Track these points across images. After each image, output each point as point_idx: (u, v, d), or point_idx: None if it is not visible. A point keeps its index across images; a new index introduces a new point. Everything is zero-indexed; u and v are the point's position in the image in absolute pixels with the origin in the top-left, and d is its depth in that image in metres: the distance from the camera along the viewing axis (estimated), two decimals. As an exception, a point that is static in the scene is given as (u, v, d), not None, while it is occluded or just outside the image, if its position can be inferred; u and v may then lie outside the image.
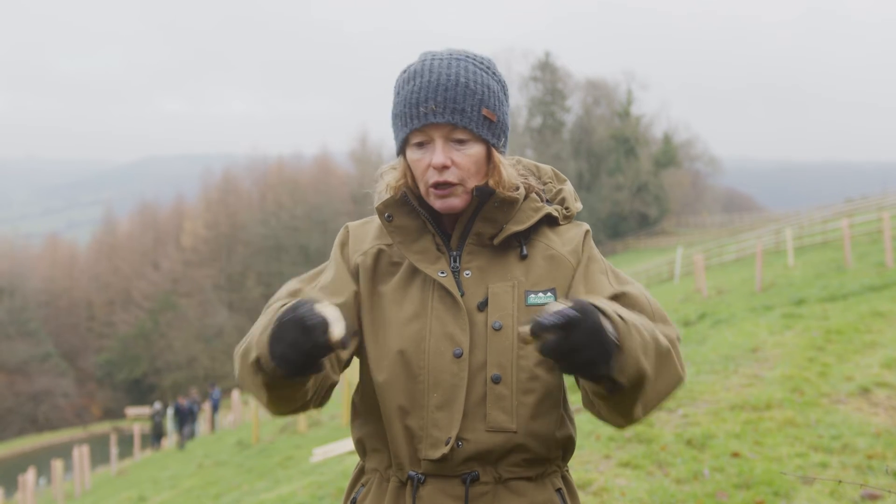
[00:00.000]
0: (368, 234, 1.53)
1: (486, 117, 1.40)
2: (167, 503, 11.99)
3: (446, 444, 1.36)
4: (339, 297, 1.43)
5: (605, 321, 1.14)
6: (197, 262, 59.90)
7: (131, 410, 45.22)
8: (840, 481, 2.60)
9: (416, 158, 1.41)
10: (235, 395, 24.44)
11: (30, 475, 18.96)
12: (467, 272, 1.43)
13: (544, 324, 1.10)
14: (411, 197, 1.45)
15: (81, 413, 52.27)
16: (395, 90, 1.44)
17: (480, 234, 1.44)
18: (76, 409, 52.47)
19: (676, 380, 1.32)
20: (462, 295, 1.41)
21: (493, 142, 1.42)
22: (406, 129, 1.40)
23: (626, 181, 61.65)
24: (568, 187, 1.56)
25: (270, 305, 1.42)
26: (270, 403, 1.33)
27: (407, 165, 1.45)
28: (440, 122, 1.37)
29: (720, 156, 75.55)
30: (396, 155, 1.48)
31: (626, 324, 1.18)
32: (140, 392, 53.61)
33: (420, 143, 1.40)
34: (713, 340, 8.83)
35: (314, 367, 1.21)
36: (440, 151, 1.38)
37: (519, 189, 1.45)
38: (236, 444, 15.94)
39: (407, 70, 1.44)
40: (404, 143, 1.43)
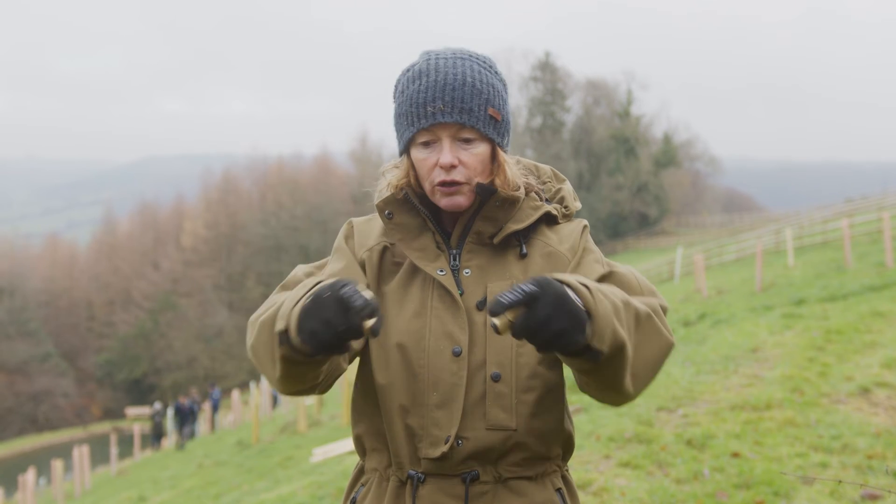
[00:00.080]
0: (373, 231, 1.53)
1: (491, 117, 1.40)
2: (167, 503, 11.98)
3: (446, 442, 1.36)
4: None
5: (569, 291, 1.13)
6: (197, 262, 59.89)
7: (131, 410, 45.23)
8: (840, 481, 2.60)
9: (422, 157, 1.40)
10: (235, 395, 24.45)
11: (30, 475, 18.96)
12: (467, 271, 1.44)
13: (503, 302, 1.09)
14: (412, 195, 1.45)
15: (81, 413, 52.25)
16: (399, 89, 1.44)
17: (480, 233, 1.44)
18: (76, 409, 52.45)
19: (664, 344, 1.31)
20: (461, 293, 1.42)
21: (498, 141, 1.42)
22: (413, 128, 1.39)
23: (626, 181, 61.61)
24: (567, 187, 1.56)
25: (287, 286, 1.41)
26: (282, 379, 1.29)
27: (410, 164, 1.44)
28: (448, 122, 1.37)
29: (720, 156, 75.57)
30: (399, 154, 1.47)
31: (590, 291, 1.16)
32: (140, 392, 53.60)
33: (426, 143, 1.40)
34: (713, 340, 8.84)
35: (340, 349, 1.17)
36: (448, 151, 1.38)
37: (520, 188, 1.45)
38: (236, 444, 15.93)
39: (411, 69, 1.43)
40: (409, 142, 1.42)
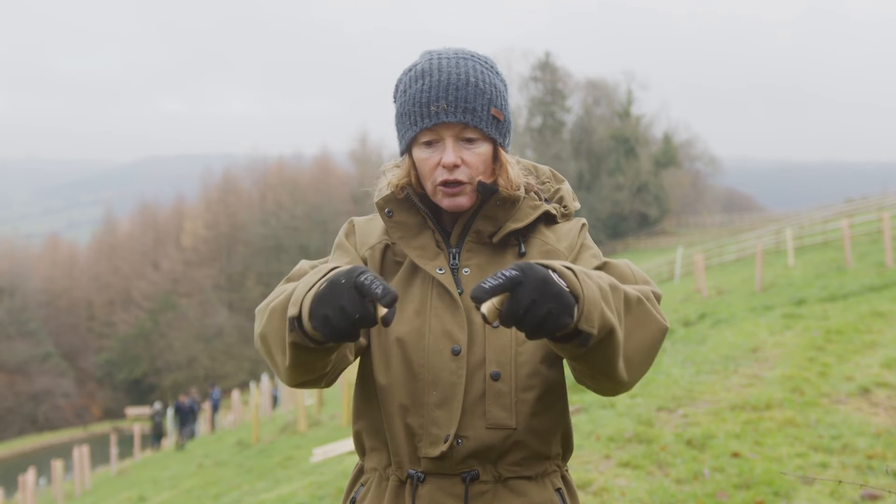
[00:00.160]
0: (375, 230, 1.53)
1: (494, 117, 1.40)
2: (167, 503, 11.98)
3: (445, 441, 1.36)
4: None
5: (553, 274, 1.13)
6: (197, 262, 59.88)
7: (131, 410, 45.22)
8: (840, 481, 2.60)
9: (425, 157, 1.41)
10: (235, 395, 24.45)
11: (30, 475, 18.96)
12: (466, 269, 1.44)
13: (485, 287, 1.08)
14: (413, 195, 1.45)
15: (81, 413, 52.24)
16: (401, 89, 1.44)
17: (480, 232, 1.45)
18: (76, 409, 52.44)
19: (656, 328, 1.30)
20: (461, 292, 1.42)
21: (500, 141, 1.43)
22: (416, 127, 1.39)
23: (627, 181, 61.57)
24: (566, 187, 1.56)
25: (292, 278, 1.40)
26: (290, 367, 1.27)
27: (412, 164, 1.44)
28: (452, 122, 1.37)
29: (720, 156, 75.52)
30: (401, 153, 1.47)
31: (575, 274, 1.16)
32: (140, 392, 53.59)
33: (429, 142, 1.40)
34: (713, 340, 8.84)
35: (353, 337, 1.15)
36: (451, 151, 1.38)
37: (521, 188, 1.46)
38: (236, 444, 15.93)
39: (413, 69, 1.43)
40: (411, 142, 1.42)
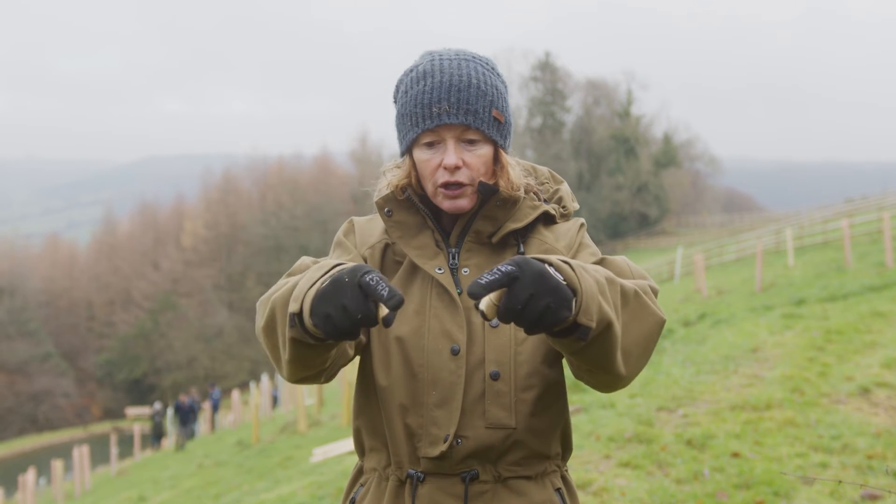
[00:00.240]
0: (375, 229, 1.53)
1: (495, 118, 1.41)
2: (167, 503, 11.98)
3: (445, 441, 1.36)
4: None
5: (550, 268, 1.13)
6: (197, 262, 59.86)
7: (131, 410, 45.17)
8: (840, 481, 2.60)
9: (426, 158, 1.41)
10: (235, 395, 24.45)
11: (30, 475, 18.96)
12: (465, 269, 1.44)
13: (481, 283, 1.08)
14: (413, 195, 1.45)
15: (81, 413, 52.23)
16: (402, 90, 1.43)
17: (479, 232, 1.45)
18: (76, 409, 52.43)
19: (654, 321, 1.30)
20: (460, 292, 1.42)
21: (501, 143, 1.43)
22: (417, 128, 1.39)
23: (627, 181, 61.55)
24: (565, 188, 1.57)
25: (293, 273, 1.39)
26: (290, 362, 1.27)
27: (412, 164, 1.45)
28: (453, 123, 1.37)
29: (720, 156, 75.52)
30: (401, 154, 1.47)
31: (572, 267, 1.16)
32: (140, 392, 53.57)
33: (430, 143, 1.40)
34: (713, 340, 8.84)
35: (353, 335, 1.15)
36: (452, 152, 1.38)
37: (521, 189, 1.46)
38: (236, 444, 15.92)
39: (414, 70, 1.43)
40: (412, 143, 1.42)
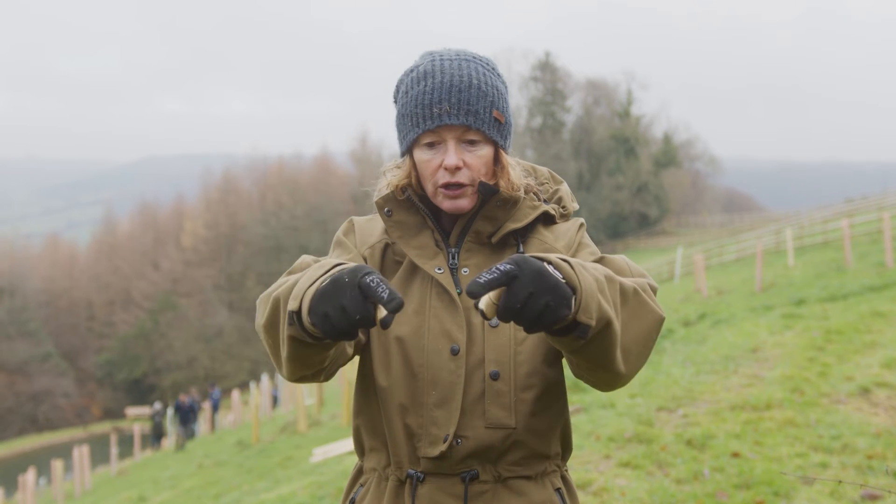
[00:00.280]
0: (375, 229, 1.53)
1: (496, 119, 1.41)
2: (167, 503, 11.98)
3: (445, 441, 1.36)
4: None
5: (549, 267, 1.13)
6: (197, 262, 59.85)
7: (131, 410, 45.16)
8: (840, 481, 2.60)
9: (426, 159, 1.41)
10: (235, 395, 24.45)
11: (30, 475, 18.95)
12: (465, 269, 1.44)
13: (479, 282, 1.08)
14: (413, 195, 1.46)
15: (81, 413, 52.23)
16: (403, 90, 1.43)
17: (479, 232, 1.45)
18: (76, 409, 52.42)
19: (653, 318, 1.30)
20: (459, 292, 1.42)
21: (501, 143, 1.43)
22: (418, 129, 1.39)
23: (627, 181, 61.55)
24: (564, 188, 1.57)
25: (293, 272, 1.37)
26: (288, 361, 1.27)
27: (412, 165, 1.45)
28: (454, 124, 1.37)
29: (720, 156, 75.51)
30: (402, 154, 1.47)
31: (571, 265, 1.16)
32: (140, 392, 53.57)
33: (430, 144, 1.40)
34: (713, 340, 8.84)
35: (352, 336, 1.14)
36: (453, 153, 1.38)
37: (521, 189, 1.46)
38: (236, 444, 15.92)
39: (415, 70, 1.43)
40: (412, 143, 1.42)
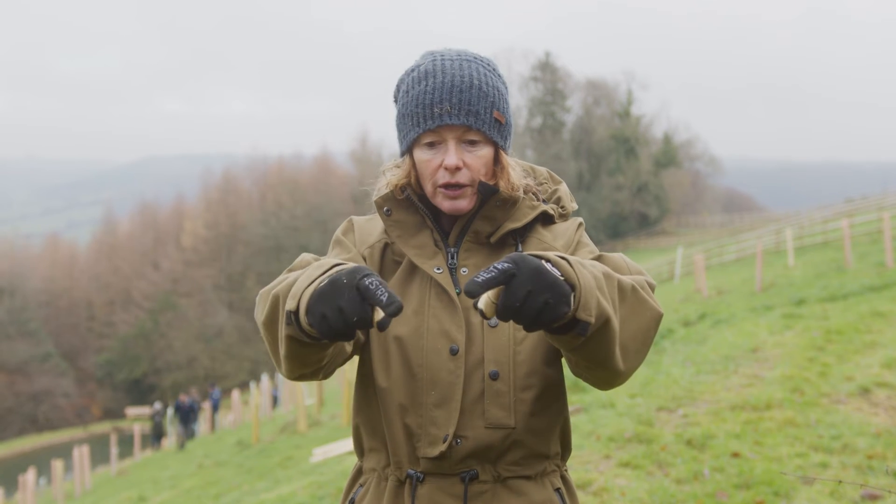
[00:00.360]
0: (374, 229, 1.53)
1: (496, 119, 1.41)
2: (167, 503, 11.98)
3: (444, 441, 1.36)
4: None
5: (547, 264, 1.13)
6: (197, 262, 59.85)
7: (131, 410, 45.18)
8: (840, 481, 2.60)
9: (426, 159, 1.41)
10: (235, 395, 24.46)
11: (30, 475, 18.95)
12: (464, 269, 1.44)
13: (478, 281, 1.08)
14: (413, 195, 1.46)
15: (81, 413, 52.23)
16: (404, 90, 1.43)
17: (478, 232, 1.45)
18: (76, 409, 52.42)
19: (651, 315, 1.30)
20: (458, 292, 1.42)
21: (501, 144, 1.43)
22: (418, 128, 1.39)
23: (627, 181, 61.55)
24: (563, 188, 1.57)
25: (294, 269, 1.36)
26: (286, 359, 1.27)
27: (412, 164, 1.45)
28: (455, 124, 1.37)
29: (720, 156, 75.50)
30: (401, 154, 1.48)
31: (569, 263, 1.16)
32: (140, 392, 53.57)
33: (430, 144, 1.40)
34: (713, 340, 8.84)
35: (348, 336, 1.14)
36: (453, 153, 1.38)
37: (520, 189, 1.46)
38: (236, 444, 15.93)
39: (415, 70, 1.43)
40: (412, 143, 1.42)
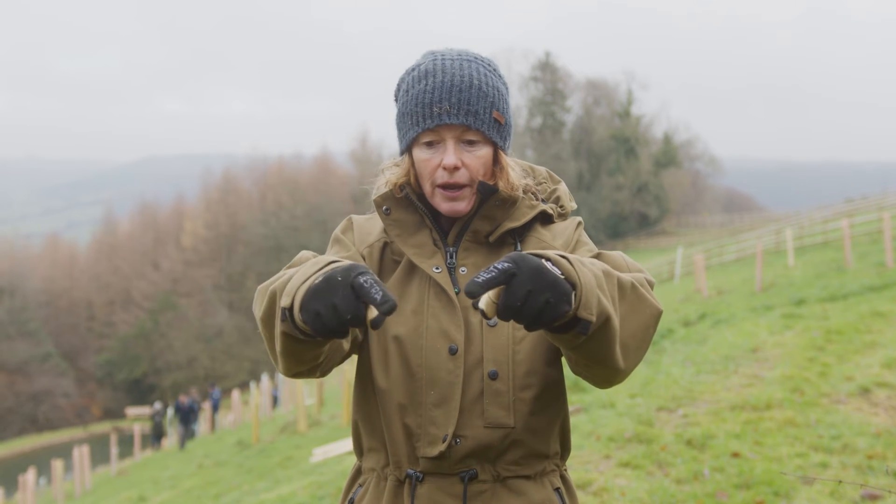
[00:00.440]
0: (374, 228, 1.53)
1: (496, 120, 1.41)
2: (167, 503, 11.98)
3: (443, 441, 1.36)
4: None
5: (547, 263, 1.12)
6: (197, 262, 59.86)
7: (131, 410, 45.20)
8: (840, 481, 2.60)
9: (425, 158, 1.41)
10: (235, 395, 24.47)
11: (30, 475, 18.95)
12: (463, 269, 1.44)
13: (478, 281, 1.07)
14: (411, 194, 1.45)
15: (81, 413, 52.23)
16: (404, 89, 1.43)
17: (477, 232, 1.45)
18: (76, 409, 52.43)
19: (651, 312, 1.30)
20: (457, 292, 1.42)
21: (501, 144, 1.43)
22: (418, 128, 1.39)
23: (627, 181, 61.55)
24: (562, 187, 1.57)
25: (293, 266, 1.36)
26: (282, 356, 1.27)
27: (411, 163, 1.44)
28: (454, 124, 1.37)
29: (720, 156, 75.49)
30: (401, 153, 1.47)
31: (570, 261, 1.16)
32: (140, 392, 53.58)
33: (429, 143, 1.40)
34: (713, 340, 8.84)
35: (342, 334, 1.13)
36: (452, 153, 1.38)
37: (519, 189, 1.46)
38: (236, 444, 15.93)
39: (416, 69, 1.43)
40: (412, 142, 1.42)
